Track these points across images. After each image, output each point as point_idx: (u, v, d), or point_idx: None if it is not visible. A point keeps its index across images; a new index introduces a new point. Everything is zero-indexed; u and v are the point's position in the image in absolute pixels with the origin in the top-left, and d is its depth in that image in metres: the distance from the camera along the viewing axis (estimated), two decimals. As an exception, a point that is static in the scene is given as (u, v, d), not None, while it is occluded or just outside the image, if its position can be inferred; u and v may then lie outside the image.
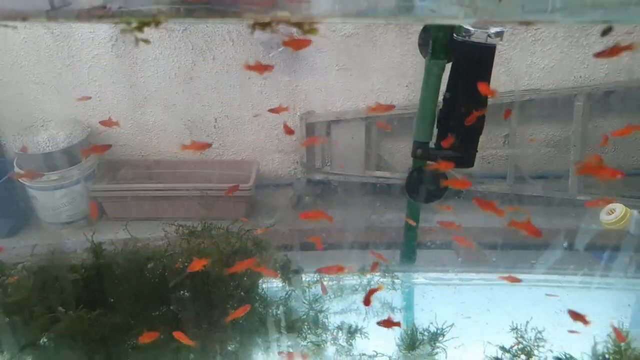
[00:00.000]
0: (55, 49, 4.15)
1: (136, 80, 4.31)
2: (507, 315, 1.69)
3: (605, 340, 1.42)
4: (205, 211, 3.44)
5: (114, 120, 3.84)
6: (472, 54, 1.48)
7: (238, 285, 1.45)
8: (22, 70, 4.20)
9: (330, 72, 4.37)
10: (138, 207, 4.23)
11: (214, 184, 4.25)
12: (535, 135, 4.45)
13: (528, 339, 1.58)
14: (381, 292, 1.82)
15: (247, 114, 4.46)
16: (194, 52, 4.24)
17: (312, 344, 1.56)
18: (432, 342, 1.59)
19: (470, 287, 2.02)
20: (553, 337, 1.58)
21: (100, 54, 4.18)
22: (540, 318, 1.66)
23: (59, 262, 1.31)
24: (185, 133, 4.51)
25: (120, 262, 1.36)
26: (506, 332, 1.64)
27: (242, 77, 4.33)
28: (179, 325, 1.32)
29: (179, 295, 1.39)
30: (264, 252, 1.49)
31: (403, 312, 1.83)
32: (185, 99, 4.40)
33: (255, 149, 4.61)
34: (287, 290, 1.61)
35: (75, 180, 4.15)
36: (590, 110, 4.20)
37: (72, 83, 4.27)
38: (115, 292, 1.33)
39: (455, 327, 1.65)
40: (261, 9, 1.30)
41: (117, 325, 1.26)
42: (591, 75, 4.20)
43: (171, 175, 4.44)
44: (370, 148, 4.49)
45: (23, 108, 4.34)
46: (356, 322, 1.69)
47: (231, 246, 1.42)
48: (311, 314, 1.61)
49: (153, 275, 1.39)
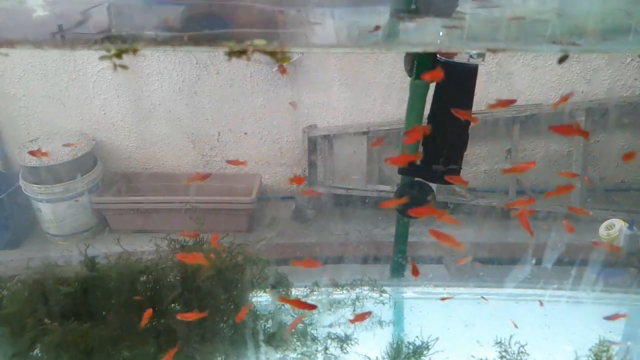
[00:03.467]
0: (61, 63, 4.21)
1: (141, 94, 4.36)
2: (493, 329, 1.71)
3: (587, 355, 1.43)
4: (202, 224, 3.46)
5: (43, 151, 3.87)
6: (455, 73, 1.52)
7: (229, 298, 1.47)
8: (29, 84, 4.27)
9: (333, 87, 4.41)
10: (141, 220, 4.26)
11: (217, 197, 4.27)
12: (537, 150, 4.46)
13: (512, 352, 1.59)
14: (370, 305, 1.85)
15: (250, 128, 4.50)
16: (198, 67, 4.30)
17: (301, 356, 1.57)
18: (416, 355, 1.60)
19: (458, 302, 2.03)
20: (537, 351, 1.59)
21: (105, 68, 4.24)
22: (526, 332, 1.68)
23: (52, 275, 1.34)
24: (189, 147, 4.55)
25: (113, 275, 1.38)
26: (490, 346, 1.66)
27: (245, 92, 4.37)
28: (169, 338, 1.34)
29: (170, 308, 1.41)
30: (254, 267, 1.51)
31: (390, 326, 1.84)
32: (189, 113, 4.45)
33: (258, 162, 4.64)
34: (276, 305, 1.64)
35: (79, 192, 4.20)
36: (592, 125, 4.21)
37: (77, 96, 4.33)
38: (107, 305, 1.35)
39: (441, 340, 1.66)
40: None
41: (107, 337, 1.29)
42: (593, 90, 4.22)
43: (174, 188, 4.47)
44: (372, 162, 4.51)
45: (29, 121, 4.41)
46: (344, 334, 1.71)
47: (222, 260, 1.44)
48: (299, 327, 1.63)
49: (145, 288, 1.41)
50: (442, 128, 1.57)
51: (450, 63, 1.49)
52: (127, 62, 4.07)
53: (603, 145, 4.38)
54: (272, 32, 1.21)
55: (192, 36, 1.19)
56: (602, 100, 4.14)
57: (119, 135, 4.51)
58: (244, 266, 1.48)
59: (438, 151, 1.61)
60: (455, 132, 1.58)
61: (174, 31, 1.22)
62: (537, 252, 2.23)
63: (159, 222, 4.22)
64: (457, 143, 1.61)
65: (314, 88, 4.39)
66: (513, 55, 4.22)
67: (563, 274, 2.10)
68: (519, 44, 1.35)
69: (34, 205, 4.20)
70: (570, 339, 1.55)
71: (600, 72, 4.19)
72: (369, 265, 2.18)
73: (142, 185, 4.54)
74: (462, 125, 1.57)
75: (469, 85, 1.55)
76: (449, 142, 1.59)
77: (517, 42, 1.30)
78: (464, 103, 1.54)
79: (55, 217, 4.18)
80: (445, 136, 1.60)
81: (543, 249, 2.18)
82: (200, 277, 1.36)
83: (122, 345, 1.30)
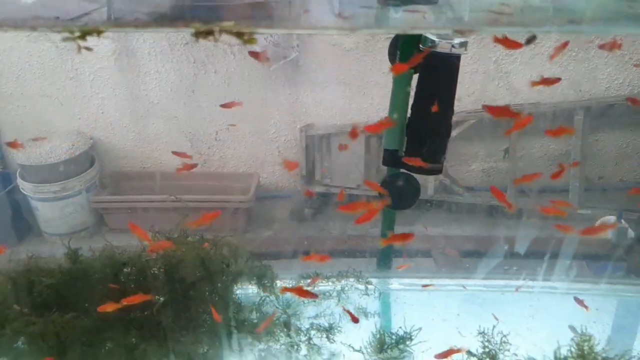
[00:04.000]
0: (59, 62, 4.22)
1: (138, 93, 4.37)
2: (477, 319, 1.71)
3: (569, 345, 1.43)
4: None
5: (19, 142, 3.88)
6: (437, 63, 1.52)
7: (213, 290, 1.47)
8: (27, 83, 4.27)
9: (330, 86, 4.40)
10: (138, 219, 4.26)
11: (214, 196, 4.27)
12: (535, 150, 4.44)
13: (494, 342, 1.59)
14: (354, 297, 1.87)
15: (248, 126, 4.50)
16: (195, 66, 4.30)
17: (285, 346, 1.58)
18: (399, 345, 1.60)
19: (444, 293, 2.04)
20: (520, 341, 1.60)
21: (103, 67, 4.25)
22: (510, 323, 1.68)
23: (35, 267, 1.34)
24: (186, 145, 4.55)
25: (96, 267, 1.38)
26: (473, 336, 1.66)
27: (243, 90, 4.37)
28: (151, 329, 1.34)
29: (153, 300, 1.41)
30: (239, 259, 1.51)
31: (375, 317, 1.85)
32: (187, 112, 4.44)
33: (256, 161, 4.63)
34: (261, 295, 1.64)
35: (77, 191, 4.20)
36: (590, 124, 4.19)
37: (75, 96, 4.33)
38: (89, 296, 1.35)
39: (424, 331, 1.67)
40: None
41: (88, 328, 1.28)
42: (591, 89, 4.20)
43: (172, 187, 4.46)
44: (370, 161, 4.49)
45: (27, 120, 4.41)
46: (329, 324, 1.72)
47: (206, 252, 1.44)
48: (283, 318, 1.63)
49: (127, 279, 1.41)
50: (425, 118, 1.57)
51: (433, 53, 1.49)
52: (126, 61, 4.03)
53: (601, 144, 4.37)
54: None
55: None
56: (600, 99, 4.12)
57: (117, 134, 4.51)
58: (228, 258, 1.48)
59: (421, 141, 1.61)
60: (438, 122, 1.58)
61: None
62: (525, 244, 2.23)
63: (156, 220, 4.21)
64: (440, 133, 1.60)
65: (311, 87, 4.38)
66: (511, 54, 4.21)
67: (550, 266, 2.11)
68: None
69: (32, 204, 4.20)
70: (553, 329, 1.55)
71: (599, 71, 4.17)
72: (358, 258, 2.19)
73: (140, 184, 4.53)
74: (446, 115, 1.57)
75: (451, 75, 1.55)
76: (432, 132, 1.59)
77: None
78: (446, 93, 1.54)
79: (52, 216, 4.18)
80: (428, 126, 1.60)
81: (531, 241, 2.19)
82: (183, 268, 1.36)
83: (103, 336, 1.30)
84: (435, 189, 4.32)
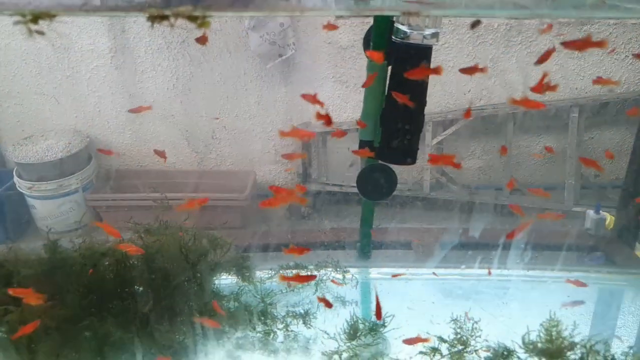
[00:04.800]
0: (55, 60, 4.23)
1: (135, 91, 4.38)
2: (452, 307, 1.73)
3: (539, 329, 1.44)
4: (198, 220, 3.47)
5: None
6: (409, 54, 1.52)
7: (193, 279, 1.48)
8: (24, 81, 4.29)
9: (327, 84, 4.41)
10: (135, 216, 4.25)
11: (211, 194, 4.27)
12: (531, 147, 4.44)
13: (466, 329, 1.61)
14: (332, 286, 1.89)
15: (245, 125, 4.51)
16: (191, 64, 4.31)
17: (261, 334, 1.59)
18: (372, 332, 1.61)
19: (420, 281, 2.06)
20: (491, 327, 1.62)
21: (99, 65, 4.26)
22: (485, 310, 1.71)
23: (14, 258, 1.35)
24: (183, 144, 4.56)
25: (76, 258, 1.38)
26: (446, 323, 1.68)
27: (239, 89, 4.38)
28: (128, 318, 1.35)
29: (131, 290, 1.42)
30: (219, 251, 1.51)
31: (352, 305, 1.87)
32: (184, 110, 4.45)
33: (253, 159, 4.64)
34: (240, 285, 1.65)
35: (73, 189, 4.21)
36: (586, 122, 4.19)
37: (72, 94, 4.35)
38: (68, 286, 1.35)
39: (399, 318, 1.69)
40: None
41: (66, 317, 1.29)
42: (587, 86, 4.20)
43: (168, 185, 4.47)
44: (366, 159, 4.49)
45: (24, 118, 4.43)
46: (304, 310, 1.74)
47: (185, 243, 1.44)
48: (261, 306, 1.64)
49: (107, 270, 1.42)
50: (398, 109, 1.58)
51: (404, 44, 1.50)
52: (123, 59, 4.05)
53: (597, 141, 4.36)
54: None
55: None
56: (595, 97, 4.12)
57: (113, 132, 4.52)
58: (207, 248, 1.48)
59: (395, 132, 1.62)
60: (410, 113, 1.59)
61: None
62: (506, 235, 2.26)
63: (152, 218, 4.22)
64: (413, 125, 1.61)
65: (307, 85, 4.39)
66: (507, 52, 4.21)
67: (529, 256, 2.13)
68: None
69: (28, 202, 4.22)
70: (525, 315, 1.56)
71: (595, 68, 4.17)
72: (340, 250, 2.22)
73: (136, 182, 4.54)
74: (418, 106, 1.58)
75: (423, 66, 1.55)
76: (405, 124, 1.60)
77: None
78: (418, 84, 1.55)
79: (49, 214, 4.20)
80: (401, 118, 1.61)
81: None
82: (162, 259, 1.37)
83: (80, 325, 1.30)
84: (431, 186, 4.33)
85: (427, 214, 4.33)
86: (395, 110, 1.58)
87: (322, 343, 1.63)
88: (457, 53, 4.17)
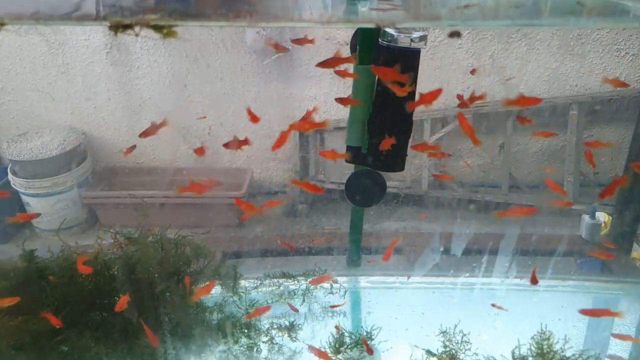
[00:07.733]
0: (50, 56, 4.19)
1: (130, 88, 4.34)
2: (441, 317, 1.68)
3: (530, 342, 1.40)
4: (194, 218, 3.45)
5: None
6: (397, 58, 1.48)
7: (175, 291, 1.44)
8: (18, 77, 4.25)
9: (324, 80, 4.36)
10: (130, 214, 4.22)
11: (207, 192, 4.24)
12: (531, 145, 4.40)
13: (455, 342, 1.57)
14: (320, 295, 1.85)
15: (242, 122, 4.46)
16: (188, 60, 4.26)
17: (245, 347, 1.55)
18: (359, 345, 1.57)
19: (410, 290, 2.02)
20: (481, 340, 1.58)
21: (94, 62, 4.22)
22: (474, 321, 1.67)
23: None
24: (179, 141, 4.52)
25: (53, 268, 1.35)
26: (435, 335, 1.64)
27: (236, 85, 4.34)
28: (106, 331, 1.31)
29: (110, 301, 1.38)
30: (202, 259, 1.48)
31: (341, 316, 1.83)
32: (180, 107, 4.41)
33: (250, 156, 4.60)
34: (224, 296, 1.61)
35: (68, 186, 4.18)
36: (585, 119, 4.15)
37: (67, 90, 4.31)
38: (45, 298, 1.32)
39: (387, 330, 1.64)
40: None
41: (41, 331, 1.25)
42: (586, 84, 4.15)
43: (164, 182, 4.44)
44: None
45: (18, 115, 4.39)
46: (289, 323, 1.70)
47: (166, 252, 1.41)
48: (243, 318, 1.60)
49: (84, 280, 1.38)
50: (386, 114, 1.54)
51: (392, 47, 1.46)
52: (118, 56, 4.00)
53: (596, 139, 4.32)
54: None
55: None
56: (595, 94, 4.08)
57: (109, 129, 4.48)
58: (189, 257, 1.45)
59: (382, 137, 1.57)
60: (398, 117, 1.55)
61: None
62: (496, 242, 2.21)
63: (149, 216, 4.19)
64: (401, 129, 1.57)
65: (305, 82, 4.35)
66: (506, 48, 4.17)
67: (521, 264, 2.08)
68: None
69: (23, 199, 4.18)
70: (517, 327, 1.52)
71: (594, 66, 4.12)
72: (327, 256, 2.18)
73: (132, 180, 4.51)
74: (406, 110, 1.54)
75: (411, 70, 1.51)
76: (393, 128, 1.56)
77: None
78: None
79: (43, 211, 4.16)
80: (389, 122, 1.57)
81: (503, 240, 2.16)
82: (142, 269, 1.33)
83: (56, 339, 1.27)
84: (429, 184, 4.30)
85: (426, 213, 4.30)
86: (382, 115, 1.54)
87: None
88: (456, 49, 4.12)
